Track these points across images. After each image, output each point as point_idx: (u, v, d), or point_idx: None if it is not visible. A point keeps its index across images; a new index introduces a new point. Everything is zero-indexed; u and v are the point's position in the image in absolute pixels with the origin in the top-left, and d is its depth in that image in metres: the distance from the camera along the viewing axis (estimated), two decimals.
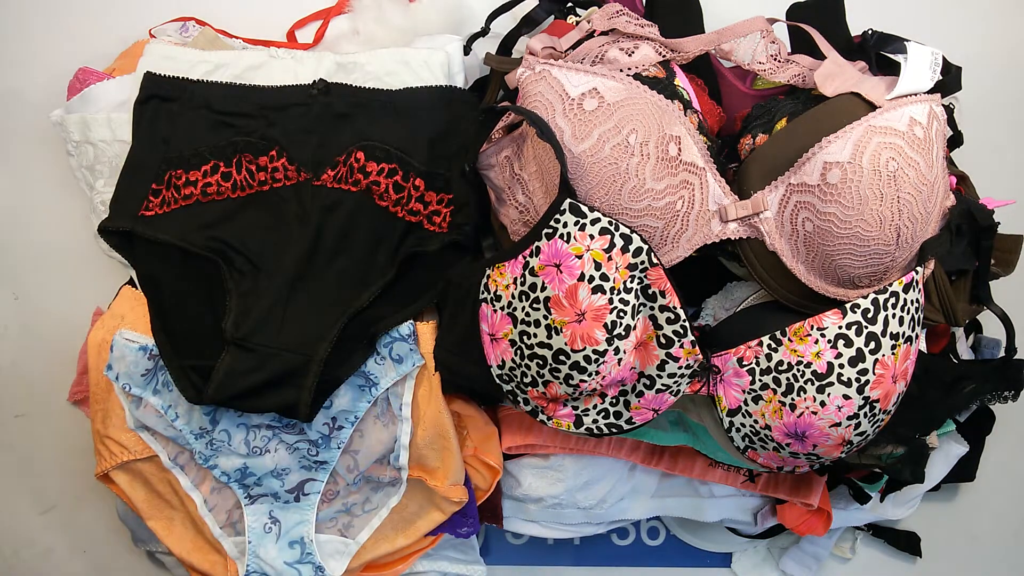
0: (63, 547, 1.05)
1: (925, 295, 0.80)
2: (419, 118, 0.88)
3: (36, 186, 1.02)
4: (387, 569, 0.97)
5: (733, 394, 0.79)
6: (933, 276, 0.83)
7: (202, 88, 0.88)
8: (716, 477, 0.96)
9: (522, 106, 0.79)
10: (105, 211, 0.88)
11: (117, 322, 0.87)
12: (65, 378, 0.96)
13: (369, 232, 0.86)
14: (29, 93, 1.01)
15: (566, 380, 0.76)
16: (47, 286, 1.03)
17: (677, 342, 0.77)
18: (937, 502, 1.10)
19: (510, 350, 0.78)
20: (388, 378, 0.87)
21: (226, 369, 0.82)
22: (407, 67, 0.90)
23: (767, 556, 1.11)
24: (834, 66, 0.81)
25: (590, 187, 0.76)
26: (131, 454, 0.88)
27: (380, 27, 0.97)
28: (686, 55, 0.83)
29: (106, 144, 0.90)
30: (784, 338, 0.76)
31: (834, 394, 0.74)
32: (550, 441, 0.91)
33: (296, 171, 0.86)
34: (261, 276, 0.85)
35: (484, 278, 0.80)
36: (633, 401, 0.80)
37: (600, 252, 0.72)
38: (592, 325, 0.73)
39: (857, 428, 0.76)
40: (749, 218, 0.79)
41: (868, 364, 0.74)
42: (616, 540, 1.10)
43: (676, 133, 0.77)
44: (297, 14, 1.02)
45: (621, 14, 0.84)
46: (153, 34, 0.98)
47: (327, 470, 0.89)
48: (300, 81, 0.89)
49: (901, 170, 0.75)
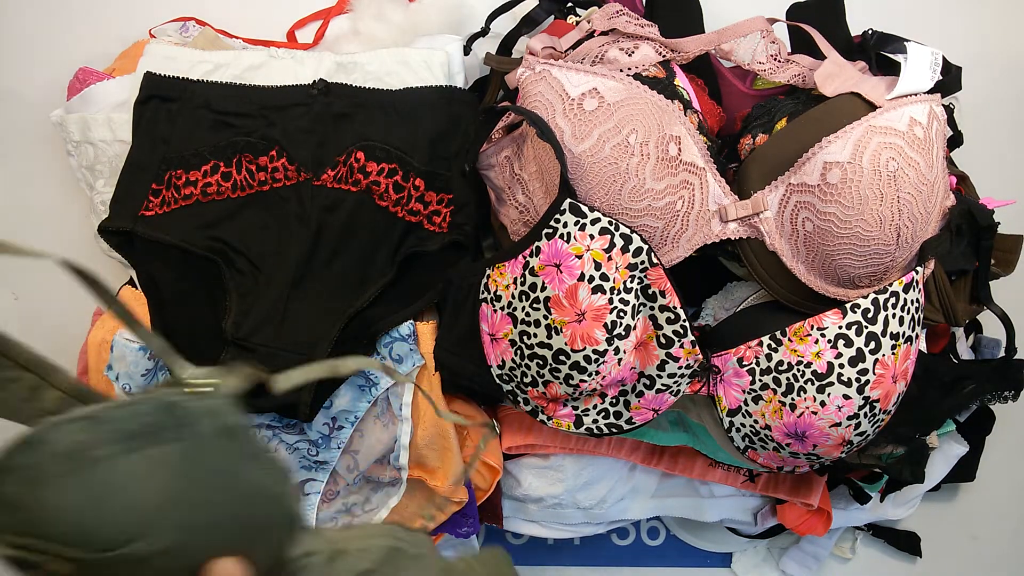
0: None
1: (925, 295, 0.80)
2: (419, 118, 0.88)
3: (36, 186, 1.02)
4: None
5: (733, 394, 0.79)
6: (933, 276, 0.83)
7: (202, 88, 0.88)
8: (716, 477, 0.96)
9: (522, 106, 0.79)
10: (105, 211, 0.88)
11: (117, 322, 0.87)
12: None
13: (369, 232, 0.86)
14: (29, 93, 1.01)
15: (566, 380, 0.76)
16: (47, 286, 1.02)
17: (677, 342, 0.77)
18: (937, 502, 1.10)
19: (510, 350, 0.78)
20: (388, 378, 0.87)
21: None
22: (407, 67, 0.90)
23: (767, 556, 1.11)
24: (834, 66, 0.81)
25: (590, 187, 0.76)
26: None
27: (380, 27, 0.97)
28: (686, 55, 0.83)
29: (106, 144, 0.90)
30: (784, 338, 0.76)
31: (834, 394, 0.74)
32: (550, 441, 0.91)
33: (296, 171, 0.86)
34: (261, 276, 0.85)
35: (484, 278, 0.80)
36: (633, 401, 0.80)
37: (600, 252, 0.72)
38: (592, 325, 0.73)
39: (857, 428, 0.76)
40: (749, 218, 0.79)
41: (868, 364, 0.74)
42: (616, 540, 1.10)
43: (676, 133, 0.77)
44: (297, 14, 1.02)
45: (621, 14, 0.84)
46: (153, 34, 0.98)
47: (327, 470, 0.89)
48: (300, 81, 0.89)
49: (901, 170, 0.75)
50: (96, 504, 0.38)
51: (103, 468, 0.39)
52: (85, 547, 0.38)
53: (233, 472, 0.39)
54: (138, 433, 0.39)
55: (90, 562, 0.39)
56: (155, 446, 0.38)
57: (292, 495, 0.43)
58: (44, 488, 0.39)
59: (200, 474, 0.38)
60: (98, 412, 0.39)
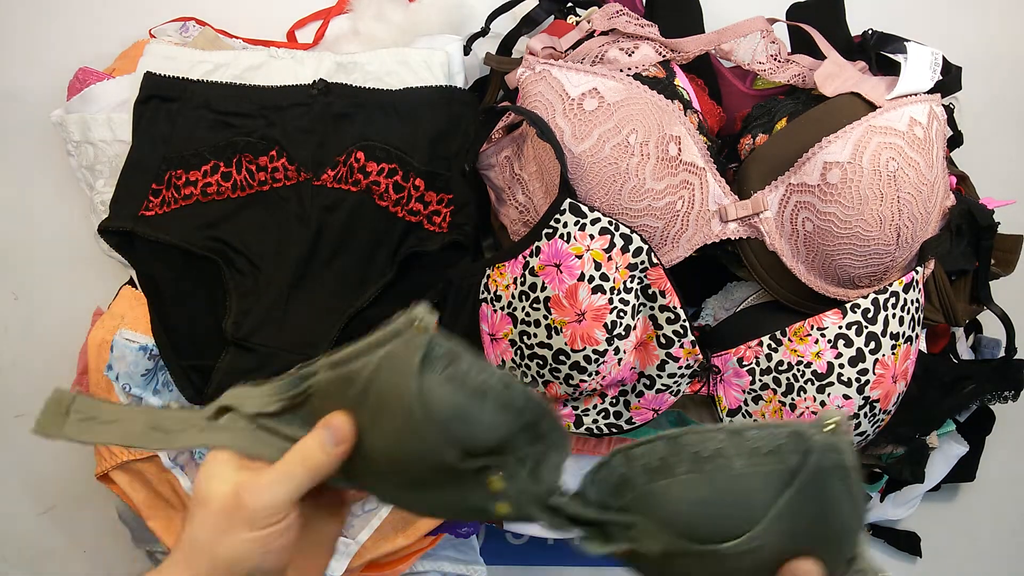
0: (63, 547, 1.05)
1: (925, 295, 0.80)
2: (419, 118, 0.88)
3: (36, 186, 1.02)
4: (387, 569, 0.97)
5: (733, 394, 0.79)
6: (933, 276, 0.83)
7: (202, 88, 0.88)
8: None
9: (522, 106, 0.79)
10: (105, 211, 0.88)
11: (117, 322, 0.87)
12: (65, 378, 0.96)
13: (369, 232, 0.86)
14: (29, 93, 1.01)
15: (566, 380, 0.76)
16: (47, 286, 1.03)
17: (677, 342, 0.77)
18: (937, 502, 1.10)
19: (510, 350, 0.78)
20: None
21: (226, 369, 0.82)
22: (407, 67, 0.90)
23: None
24: (834, 66, 0.81)
25: (590, 187, 0.76)
26: (131, 454, 0.88)
27: (380, 27, 0.97)
28: (686, 55, 0.83)
29: (106, 144, 0.90)
30: (784, 338, 0.76)
31: (834, 394, 0.74)
32: None
33: (296, 171, 0.86)
34: (261, 276, 0.85)
35: (484, 278, 0.80)
36: (633, 401, 0.80)
37: (600, 252, 0.72)
38: (592, 325, 0.73)
39: (857, 428, 0.76)
40: (749, 218, 0.79)
41: (868, 364, 0.74)
42: None
43: (676, 133, 0.77)
44: (297, 14, 1.02)
45: (621, 14, 0.84)
46: (153, 34, 0.98)
47: None
48: (300, 81, 0.89)
49: (901, 170, 0.75)
50: (716, 501, 0.46)
51: (729, 475, 0.46)
52: (689, 535, 0.46)
53: (836, 504, 0.45)
54: (765, 451, 0.46)
55: (682, 550, 0.46)
56: (777, 464, 0.45)
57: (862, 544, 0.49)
58: (668, 479, 0.47)
59: (810, 495, 0.45)
60: (736, 427, 0.46)
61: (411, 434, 0.48)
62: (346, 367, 0.50)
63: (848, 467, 0.45)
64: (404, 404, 0.47)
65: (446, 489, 0.49)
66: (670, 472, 0.47)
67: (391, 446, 0.49)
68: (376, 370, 0.49)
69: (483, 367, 0.49)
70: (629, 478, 0.49)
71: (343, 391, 0.50)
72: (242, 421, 0.51)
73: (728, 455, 0.46)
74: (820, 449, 0.44)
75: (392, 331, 0.49)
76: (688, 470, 0.46)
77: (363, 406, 0.49)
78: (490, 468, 0.48)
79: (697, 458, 0.46)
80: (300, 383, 0.52)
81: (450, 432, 0.47)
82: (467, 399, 0.47)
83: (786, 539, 0.45)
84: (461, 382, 0.48)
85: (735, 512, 0.46)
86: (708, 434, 0.47)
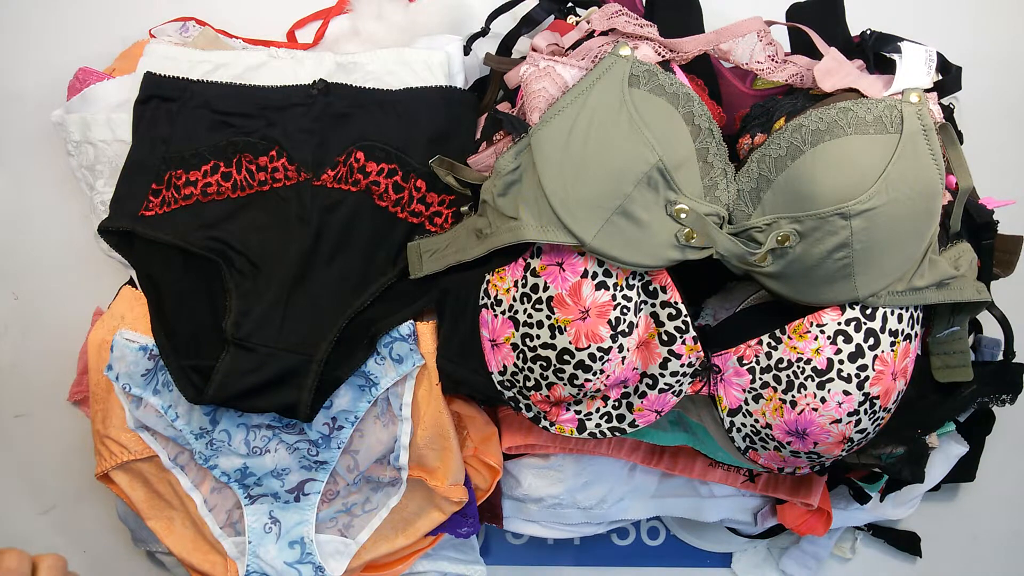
0: (63, 547, 1.05)
1: None
2: (419, 118, 0.88)
3: (36, 186, 1.02)
4: (387, 569, 0.97)
5: (733, 393, 0.79)
6: None
7: (202, 88, 0.88)
8: (716, 477, 0.96)
9: (523, 103, 0.78)
10: (105, 211, 0.88)
11: (117, 322, 0.87)
12: (65, 378, 0.96)
13: (369, 232, 0.86)
14: (29, 93, 1.01)
15: (570, 380, 0.76)
16: (47, 286, 1.03)
17: (679, 338, 0.77)
18: (937, 502, 1.10)
19: (512, 354, 0.78)
20: (388, 378, 0.87)
21: (226, 369, 0.82)
22: (407, 67, 0.90)
23: (767, 556, 1.11)
24: (833, 62, 0.81)
25: None
26: (131, 454, 0.88)
27: (380, 27, 0.97)
28: (685, 55, 0.83)
29: (106, 144, 0.90)
30: (784, 336, 0.76)
31: (834, 390, 0.74)
32: (550, 441, 0.91)
33: (296, 171, 0.86)
34: (261, 276, 0.85)
35: (484, 283, 0.80)
36: (636, 403, 0.80)
37: None
38: (596, 322, 0.73)
39: (858, 425, 0.76)
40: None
41: (867, 360, 0.74)
42: (616, 540, 1.10)
43: None
44: (297, 14, 1.02)
45: (621, 14, 0.84)
46: (153, 34, 0.98)
47: (327, 470, 0.89)
48: (300, 81, 0.89)
49: None
50: (835, 170, 0.67)
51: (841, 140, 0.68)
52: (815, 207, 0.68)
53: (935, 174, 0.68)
54: (873, 122, 0.67)
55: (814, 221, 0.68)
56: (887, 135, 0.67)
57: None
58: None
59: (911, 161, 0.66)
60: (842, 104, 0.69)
61: (622, 140, 0.67)
62: (556, 111, 0.72)
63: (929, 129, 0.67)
64: (614, 116, 0.69)
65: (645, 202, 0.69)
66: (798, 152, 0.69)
67: (604, 160, 0.68)
68: (587, 100, 0.70)
69: (672, 79, 0.72)
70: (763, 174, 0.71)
71: (564, 135, 0.70)
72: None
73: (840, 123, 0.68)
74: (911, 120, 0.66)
75: (592, 75, 0.71)
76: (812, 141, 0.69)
77: (576, 134, 0.69)
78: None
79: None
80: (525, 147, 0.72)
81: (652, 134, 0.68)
82: (668, 101, 0.70)
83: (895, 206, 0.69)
84: (662, 89, 0.70)
85: (849, 179, 0.68)
86: (818, 111, 0.69)
